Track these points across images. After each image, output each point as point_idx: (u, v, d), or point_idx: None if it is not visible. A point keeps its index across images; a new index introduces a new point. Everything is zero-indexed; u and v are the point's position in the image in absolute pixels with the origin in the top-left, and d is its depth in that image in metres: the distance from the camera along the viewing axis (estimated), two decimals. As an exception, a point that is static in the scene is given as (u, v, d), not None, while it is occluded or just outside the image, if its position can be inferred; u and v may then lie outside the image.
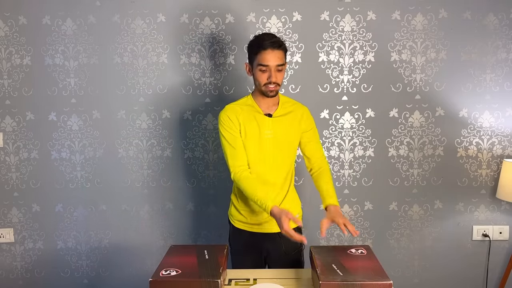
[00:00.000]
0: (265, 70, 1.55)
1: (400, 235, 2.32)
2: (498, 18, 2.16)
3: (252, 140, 1.62)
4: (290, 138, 1.66)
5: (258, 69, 1.56)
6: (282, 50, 1.57)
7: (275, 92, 1.59)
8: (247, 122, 1.62)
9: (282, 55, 1.57)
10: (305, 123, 1.69)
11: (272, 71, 1.55)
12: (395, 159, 2.27)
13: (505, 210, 2.28)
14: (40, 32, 2.21)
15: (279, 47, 1.55)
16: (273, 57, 1.54)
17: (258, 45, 1.55)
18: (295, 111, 1.68)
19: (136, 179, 2.30)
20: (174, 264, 1.30)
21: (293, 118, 1.66)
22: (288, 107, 1.67)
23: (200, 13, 2.19)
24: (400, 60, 2.20)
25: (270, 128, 1.62)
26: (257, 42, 1.56)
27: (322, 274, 1.24)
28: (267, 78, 1.55)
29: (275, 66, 1.55)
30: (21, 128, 2.27)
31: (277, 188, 1.67)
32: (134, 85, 2.24)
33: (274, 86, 1.57)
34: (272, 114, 1.64)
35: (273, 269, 1.53)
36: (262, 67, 1.55)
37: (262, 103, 1.64)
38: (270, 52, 1.53)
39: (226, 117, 1.63)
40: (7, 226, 2.34)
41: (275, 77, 1.55)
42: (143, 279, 2.33)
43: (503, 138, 2.24)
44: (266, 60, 1.54)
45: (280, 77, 1.58)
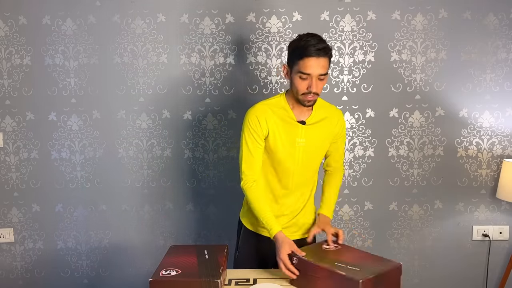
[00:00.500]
0: (306, 79, 1.42)
1: (400, 235, 2.32)
2: (498, 18, 2.16)
3: (282, 147, 1.52)
4: (322, 145, 1.59)
5: (298, 76, 1.43)
6: (328, 57, 1.43)
7: (312, 102, 1.47)
8: (278, 127, 1.51)
9: (327, 63, 1.42)
10: (339, 129, 1.61)
11: (313, 80, 1.41)
12: (395, 159, 2.27)
13: (505, 210, 2.28)
14: (40, 32, 2.21)
15: (325, 55, 1.41)
16: (317, 66, 1.40)
17: (302, 49, 1.41)
18: (330, 116, 1.58)
19: (136, 179, 2.30)
20: (174, 264, 1.30)
21: (328, 125, 1.57)
22: (323, 113, 1.56)
23: (200, 13, 2.19)
24: (400, 60, 2.20)
25: (302, 136, 1.52)
26: (301, 46, 1.41)
27: (349, 274, 1.23)
28: (307, 88, 1.43)
29: (318, 75, 1.41)
30: (21, 128, 2.27)
31: (297, 195, 1.62)
32: (134, 85, 2.24)
33: (313, 96, 1.45)
34: (305, 121, 1.53)
35: (273, 269, 1.53)
36: (303, 75, 1.41)
37: (295, 107, 1.53)
38: (314, 60, 1.39)
39: (255, 118, 1.51)
40: (7, 226, 2.34)
41: (315, 87, 1.42)
42: (143, 279, 2.33)
43: (503, 138, 2.24)
44: (308, 68, 1.40)
45: (321, 86, 1.45)
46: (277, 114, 1.52)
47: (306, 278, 1.35)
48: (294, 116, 1.53)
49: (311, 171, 1.62)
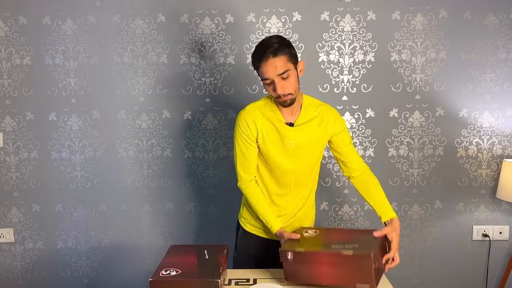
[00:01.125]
0: (270, 83, 1.42)
1: (400, 235, 2.31)
2: (498, 18, 2.16)
3: (273, 149, 1.52)
4: (315, 145, 1.55)
5: (264, 83, 1.44)
6: (282, 56, 1.39)
7: (289, 101, 1.45)
8: (267, 129, 1.51)
9: (283, 62, 1.39)
10: (333, 127, 1.55)
11: (276, 82, 1.40)
12: (395, 159, 2.27)
13: (505, 210, 2.28)
14: (40, 32, 2.21)
15: (274, 55, 1.38)
16: (271, 68, 1.39)
17: (254, 58, 1.44)
18: (320, 115, 1.54)
19: (136, 179, 2.30)
20: (174, 264, 1.30)
21: (317, 124, 1.53)
22: (312, 112, 1.54)
23: (200, 13, 2.19)
24: (400, 60, 2.20)
25: (291, 138, 1.51)
26: (253, 55, 1.44)
27: (356, 252, 1.22)
28: (274, 91, 1.42)
29: (277, 76, 1.39)
30: (21, 128, 2.28)
31: (295, 195, 1.60)
32: (134, 85, 2.24)
33: (287, 96, 1.43)
34: (293, 122, 1.52)
35: (273, 269, 1.53)
36: (265, 80, 1.43)
37: (284, 109, 1.51)
38: (266, 64, 1.39)
39: (244, 121, 1.52)
40: (7, 226, 2.34)
41: (281, 89, 1.41)
42: (143, 279, 2.33)
43: (503, 138, 2.24)
44: (264, 73, 1.40)
45: (289, 85, 1.42)
46: (266, 115, 1.52)
47: (306, 270, 1.30)
48: (283, 118, 1.52)
49: (307, 171, 1.59)
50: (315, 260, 1.28)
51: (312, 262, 1.29)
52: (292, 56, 1.43)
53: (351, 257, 1.22)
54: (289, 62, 1.42)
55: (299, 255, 1.30)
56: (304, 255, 1.29)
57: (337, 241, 1.34)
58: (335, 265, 1.25)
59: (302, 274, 1.32)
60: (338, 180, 2.29)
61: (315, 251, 1.28)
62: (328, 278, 1.28)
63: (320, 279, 1.29)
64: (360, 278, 1.23)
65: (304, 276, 1.32)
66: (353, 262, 1.22)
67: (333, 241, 1.34)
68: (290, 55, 1.42)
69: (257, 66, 1.43)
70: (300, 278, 1.33)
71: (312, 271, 1.29)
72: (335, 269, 1.26)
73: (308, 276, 1.31)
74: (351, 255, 1.22)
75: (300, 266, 1.31)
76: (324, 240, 1.38)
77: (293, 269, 1.32)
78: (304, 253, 1.29)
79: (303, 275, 1.32)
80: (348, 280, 1.25)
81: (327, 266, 1.26)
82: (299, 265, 1.31)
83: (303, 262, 1.30)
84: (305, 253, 1.29)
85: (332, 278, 1.27)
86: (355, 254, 1.21)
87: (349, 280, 1.25)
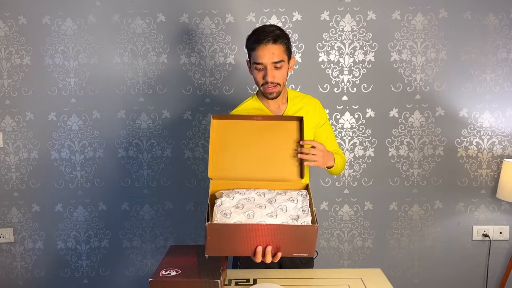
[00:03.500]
0: (261, 69, 1.41)
1: (400, 235, 2.32)
2: (498, 18, 2.16)
3: None
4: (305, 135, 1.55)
5: (255, 67, 1.42)
6: (281, 45, 1.39)
7: (275, 94, 1.44)
8: None
9: (280, 51, 1.39)
10: (318, 117, 1.56)
11: (268, 69, 1.39)
12: (395, 159, 2.27)
13: (505, 210, 2.28)
14: (40, 32, 2.21)
15: (274, 42, 1.37)
16: (267, 53, 1.37)
17: (252, 40, 1.41)
18: (306, 105, 1.55)
19: (136, 179, 2.30)
20: (174, 264, 1.30)
21: (305, 113, 1.52)
22: (297, 104, 1.54)
23: (200, 13, 2.19)
24: (400, 60, 2.20)
25: None
26: (251, 37, 1.42)
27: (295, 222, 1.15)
28: (263, 77, 1.41)
29: (271, 63, 1.39)
30: (21, 128, 2.27)
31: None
32: (134, 85, 2.24)
33: (273, 87, 1.42)
34: (283, 115, 1.51)
35: (273, 269, 1.53)
36: (257, 65, 1.41)
37: (270, 104, 1.52)
38: (264, 48, 1.37)
39: None
40: (7, 226, 2.34)
41: (271, 76, 1.40)
42: (143, 279, 2.33)
43: (503, 138, 2.24)
44: (259, 57, 1.39)
45: (280, 75, 1.42)
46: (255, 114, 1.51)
47: (235, 243, 1.14)
48: (271, 113, 1.53)
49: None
50: (249, 232, 1.14)
51: (245, 233, 1.14)
52: (288, 48, 1.44)
53: (295, 229, 1.13)
54: (285, 53, 1.42)
55: (231, 226, 1.14)
56: (237, 227, 1.14)
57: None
58: (271, 236, 1.14)
59: (228, 246, 1.16)
60: (338, 180, 2.29)
61: (252, 224, 1.14)
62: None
63: (248, 251, 1.16)
64: (300, 248, 1.16)
65: (229, 248, 1.17)
66: (297, 234, 1.13)
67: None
68: (287, 47, 1.43)
69: (252, 48, 1.41)
70: (225, 250, 1.18)
71: (242, 243, 1.15)
72: (270, 241, 1.15)
73: (233, 248, 1.17)
74: (295, 226, 1.12)
75: (229, 238, 1.15)
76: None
77: (218, 241, 1.15)
78: (238, 225, 1.14)
79: (229, 247, 1.16)
80: (286, 250, 1.16)
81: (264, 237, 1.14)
82: (228, 237, 1.15)
83: (233, 234, 1.14)
84: (239, 226, 1.14)
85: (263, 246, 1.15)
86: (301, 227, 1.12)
87: (287, 250, 1.16)
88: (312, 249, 1.16)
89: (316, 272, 1.48)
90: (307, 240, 1.15)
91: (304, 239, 1.14)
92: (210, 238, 1.14)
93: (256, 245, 1.15)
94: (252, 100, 1.57)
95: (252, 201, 1.25)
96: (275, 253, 1.15)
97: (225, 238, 1.14)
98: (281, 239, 1.14)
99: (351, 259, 2.34)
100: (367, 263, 2.32)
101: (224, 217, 1.18)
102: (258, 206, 1.22)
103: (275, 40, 1.38)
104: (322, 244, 2.33)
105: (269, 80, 1.41)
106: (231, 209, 1.21)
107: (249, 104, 1.55)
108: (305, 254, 1.16)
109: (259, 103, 1.54)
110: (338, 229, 2.32)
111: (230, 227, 1.14)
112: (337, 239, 2.34)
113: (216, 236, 1.14)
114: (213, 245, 1.15)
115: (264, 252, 1.15)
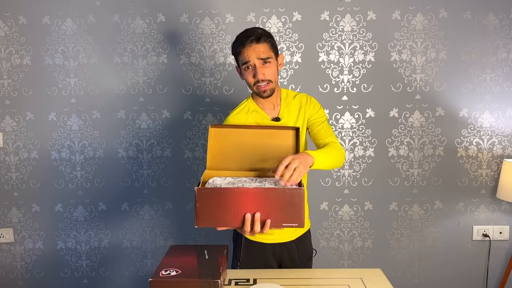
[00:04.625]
0: (250, 68, 1.43)
1: (400, 235, 2.32)
2: (498, 18, 2.16)
3: None
4: (302, 132, 1.52)
5: (243, 68, 1.44)
6: (265, 43, 1.41)
7: (269, 91, 1.45)
8: None
9: (266, 48, 1.41)
10: (308, 108, 1.54)
11: (257, 67, 1.41)
12: (395, 159, 2.27)
13: (505, 210, 2.28)
14: (40, 32, 2.21)
15: (257, 41, 1.40)
16: (253, 52, 1.40)
17: (236, 44, 1.44)
18: (296, 99, 1.56)
19: (136, 179, 2.30)
20: (174, 264, 1.30)
21: (295, 109, 1.54)
22: (290, 101, 1.55)
23: (200, 13, 2.19)
24: (400, 60, 2.20)
25: None
26: (235, 42, 1.45)
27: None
28: (254, 76, 1.42)
29: (258, 61, 1.41)
30: (21, 128, 2.27)
31: None
32: (134, 85, 2.24)
33: (266, 84, 1.43)
34: (279, 116, 1.52)
35: (273, 269, 1.53)
36: (245, 65, 1.42)
37: (265, 105, 1.52)
38: (248, 48, 1.40)
39: None
40: (7, 226, 2.34)
41: (261, 74, 1.41)
42: (143, 279, 2.33)
43: (503, 138, 2.24)
44: (246, 57, 1.41)
45: (270, 72, 1.43)
46: (251, 118, 1.52)
47: (223, 210, 1.13)
48: (267, 115, 1.52)
49: None
50: (237, 196, 1.13)
51: (233, 198, 1.14)
52: (273, 46, 1.45)
53: (281, 193, 1.12)
54: (271, 50, 1.44)
55: (220, 191, 1.14)
56: (224, 190, 1.13)
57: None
58: (258, 202, 1.13)
59: (217, 215, 1.15)
60: (338, 180, 2.29)
61: (239, 188, 1.13)
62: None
63: (237, 220, 1.15)
64: (288, 217, 1.14)
65: (218, 218, 1.16)
66: (284, 198, 1.12)
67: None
68: (272, 44, 1.44)
69: (238, 51, 1.43)
70: (216, 221, 1.16)
71: (230, 210, 1.14)
72: (258, 207, 1.14)
73: (222, 218, 1.15)
74: (281, 189, 1.11)
75: (218, 204, 1.14)
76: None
77: (208, 210, 1.15)
78: (224, 188, 1.13)
79: (218, 217, 1.15)
80: (276, 219, 1.15)
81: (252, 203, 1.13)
82: (216, 204, 1.14)
83: (221, 199, 1.14)
84: (225, 189, 1.13)
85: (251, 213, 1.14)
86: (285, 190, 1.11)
87: (275, 218, 1.14)
88: (301, 217, 1.13)
89: (316, 272, 1.48)
90: (295, 205, 1.13)
91: (291, 204, 1.13)
92: (199, 205, 1.14)
93: (245, 212, 1.13)
94: (247, 102, 1.57)
95: (241, 182, 1.26)
96: (264, 220, 1.13)
97: (214, 204, 1.14)
98: (268, 204, 1.13)
99: (351, 259, 2.34)
100: (367, 263, 2.32)
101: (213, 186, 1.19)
102: (248, 183, 1.24)
103: (258, 39, 1.40)
104: (322, 244, 2.33)
105: (260, 78, 1.42)
106: (222, 184, 1.22)
107: (246, 107, 1.55)
108: (294, 224, 1.14)
109: (254, 104, 1.54)
110: (338, 229, 2.32)
111: (218, 191, 1.13)
112: (337, 239, 2.34)
113: (205, 203, 1.14)
114: (202, 213, 1.15)
115: (252, 221, 1.13)
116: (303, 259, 1.64)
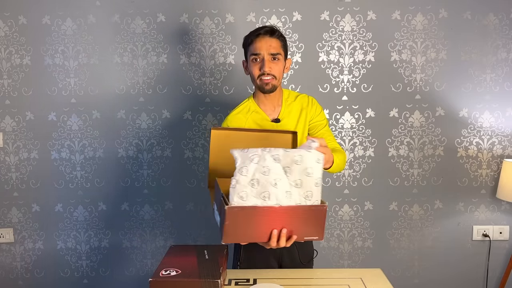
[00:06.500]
0: (258, 60, 1.43)
1: (400, 235, 2.32)
2: (498, 18, 2.16)
3: None
4: (303, 134, 1.53)
5: (251, 60, 1.44)
6: (277, 39, 1.43)
7: (271, 86, 1.44)
8: None
9: (277, 44, 1.43)
10: (309, 111, 1.54)
11: (266, 60, 1.41)
12: (395, 159, 2.27)
13: (505, 210, 2.28)
14: (40, 32, 2.21)
15: (271, 35, 1.42)
16: (265, 44, 1.41)
17: (250, 35, 1.46)
18: (300, 102, 1.55)
19: (136, 179, 2.30)
20: (174, 264, 1.30)
21: (296, 110, 1.54)
22: (291, 103, 1.55)
23: (200, 13, 2.19)
24: (400, 60, 2.20)
25: None
26: (249, 33, 1.47)
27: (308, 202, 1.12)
28: (260, 69, 1.43)
29: (268, 54, 1.41)
30: (21, 128, 2.27)
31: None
32: (134, 85, 2.24)
33: (270, 79, 1.43)
34: (279, 117, 1.52)
35: (273, 269, 1.53)
36: (254, 56, 1.43)
37: (266, 106, 1.52)
38: (261, 39, 1.41)
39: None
40: (7, 226, 2.34)
41: (268, 67, 1.41)
42: (143, 279, 2.33)
43: (503, 138, 2.24)
44: (257, 48, 1.42)
45: (276, 68, 1.43)
46: (250, 118, 1.51)
47: (251, 227, 1.12)
48: (267, 116, 1.52)
49: None
50: (265, 214, 1.12)
51: (261, 216, 1.13)
52: (285, 46, 1.47)
53: (307, 210, 1.12)
54: (282, 49, 1.45)
55: (248, 209, 1.11)
56: (254, 209, 1.11)
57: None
58: (285, 219, 1.14)
59: (245, 231, 1.14)
60: (338, 180, 2.29)
61: (267, 207, 1.11)
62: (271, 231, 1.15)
63: (264, 236, 1.15)
64: (310, 231, 1.16)
65: (246, 234, 1.15)
66: (306, 215, 1.13)
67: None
68: (284, 43, 1.47)
69: (250, 41, 1.44)
70: (243, 237, 1.16)
71: (258, 227, 1.13)
72: (284, 223, 1.14)
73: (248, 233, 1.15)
74: (307, 206, 1.12)
75: (246, 222, 1.13)
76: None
77: (236, 227, 1.13)
78: (254, 207, 1.11)
79: (245, 232, 1.15)
80: (299, 233, 1.16)
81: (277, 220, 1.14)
82: (245, 221, 1.13)
83: (250, 217, 1.12)
84: (255, 208, 1.11)
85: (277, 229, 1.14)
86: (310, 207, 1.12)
87: (299, 233, 1.16)
88: (322, 231, 1.16)
89: (316, 272, 1.48)
90: (318, 220, 1.15)
91: (315, 219, 1.14)
92: (228, 223, 1.11)
93: (271, 228, 1.14)
94: (248, 102, 1.57)
95: (267, 173, 1.15)
96: (289, 236, 1.14)
97: (243, 221, 1.12)
98: (294, 220, 1.14)
99: (351, 259, 2.34)
100: (367, 263, 2.32)
101: (241, 200, 1.13)
102: (274, 184, 1.14)
103: (272, 32, 1.42)
104: (322, 244, 2.33)
105: (266, 71, 1.42)
106: (247, 189, 1.14)
107: (246, 107, 1.55)
108: (315, 237, 1.17)
109: (255, 105, 1.54)
110: (338, 229, 2.32)
111: (248, 211, 1.11)
112: (337, 239, 2.34)
113: (234, 221, 1.12)
114: (230, 230, 1.13)
115: (279, 236, 1.13)
116: (304, 261, 1.63)
